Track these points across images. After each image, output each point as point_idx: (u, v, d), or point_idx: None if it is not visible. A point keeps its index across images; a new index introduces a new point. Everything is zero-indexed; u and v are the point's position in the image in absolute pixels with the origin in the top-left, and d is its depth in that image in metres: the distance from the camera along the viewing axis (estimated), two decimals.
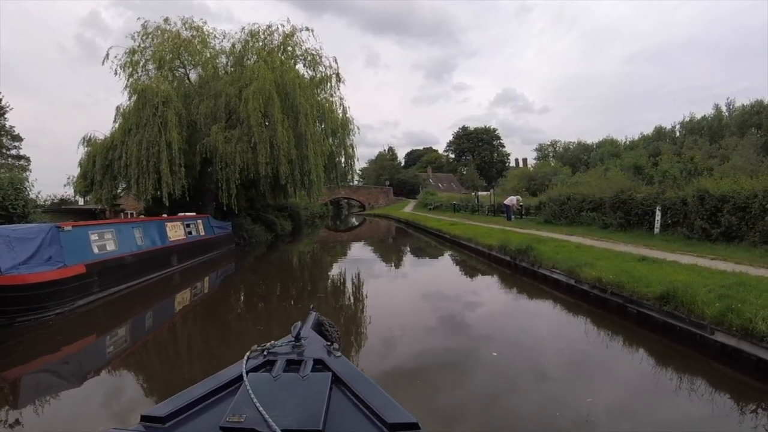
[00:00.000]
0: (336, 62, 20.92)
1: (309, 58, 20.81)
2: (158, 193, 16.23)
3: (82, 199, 24.95)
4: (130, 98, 18.07)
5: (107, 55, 18.78)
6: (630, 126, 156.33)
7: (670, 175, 13.19)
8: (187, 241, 13.90)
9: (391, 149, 75.33)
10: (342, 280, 11.44)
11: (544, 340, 5.73)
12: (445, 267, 13.49)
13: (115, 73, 18.60)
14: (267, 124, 16.95)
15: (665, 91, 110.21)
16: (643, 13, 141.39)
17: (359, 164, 77.93)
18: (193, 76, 20.43)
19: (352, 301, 9.10)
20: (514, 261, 9.95)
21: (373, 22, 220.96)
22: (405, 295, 9.03)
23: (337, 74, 21.06)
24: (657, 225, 12.07)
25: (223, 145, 16.65)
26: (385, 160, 70.99)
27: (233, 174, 16.49)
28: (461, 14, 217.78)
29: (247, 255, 17.98)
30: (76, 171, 19.65)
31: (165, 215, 15.75)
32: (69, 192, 23.45)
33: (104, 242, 10.18)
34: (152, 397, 4.50)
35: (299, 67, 20.71)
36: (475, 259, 12.86)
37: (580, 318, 6.42)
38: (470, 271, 11.75)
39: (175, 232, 13.30)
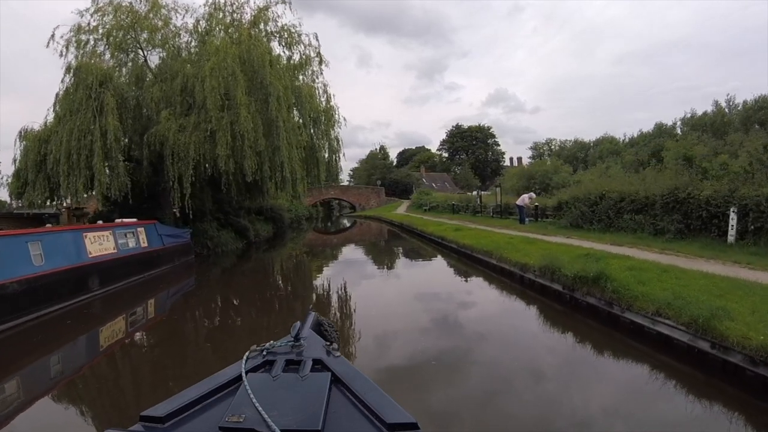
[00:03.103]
0: (317, 40, 17.69)
1: (285, 36, 17.58)
2: (91, 193, 13.02)
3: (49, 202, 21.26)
4: (63, 80, 14.81)
5: (53, 35, 15.47)
6: (622, 126, 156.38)
7: (740, 168, 10.29)
8: (119, 255, 10.68)
9: (382, 148, 72.30)
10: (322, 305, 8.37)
11: None
12: (467, 311, 7.96)
13: (61, 55, 15.20)
14: (229, 108, 13.74)
15: (656, 91, 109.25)
16: (635, 13, 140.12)
17: (350, 165, 75.09)
18: (154, 59, 17.12)
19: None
20: (571, 293, 6.64)
21: (366, 22, 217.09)
22: (401, 330, 5.97)
23: (319, 54, 17.84)
24: (732, 232, 9.22)
25: (175, 134, 13.43)
26: (376, 159, 67.98)
27: (186, 169, 13.27)
28: (453, 14, 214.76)
29: (212, 268, 14.92)
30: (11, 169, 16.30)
31: (100, 222, 12.61)
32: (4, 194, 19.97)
33: None
34: None
35: (275, 45, 17.52)
36: (498, 280, 9.54)
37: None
38: (503, 310, 7.74)
39: (99, 245, 10.08)
